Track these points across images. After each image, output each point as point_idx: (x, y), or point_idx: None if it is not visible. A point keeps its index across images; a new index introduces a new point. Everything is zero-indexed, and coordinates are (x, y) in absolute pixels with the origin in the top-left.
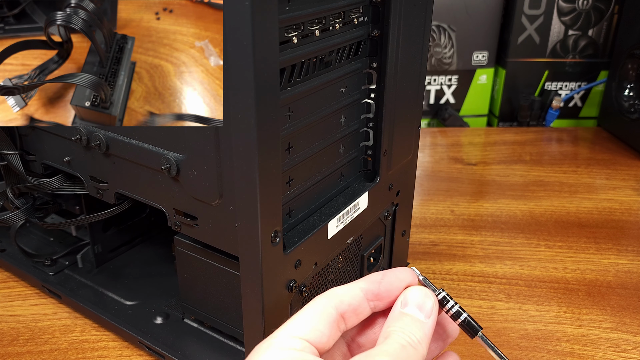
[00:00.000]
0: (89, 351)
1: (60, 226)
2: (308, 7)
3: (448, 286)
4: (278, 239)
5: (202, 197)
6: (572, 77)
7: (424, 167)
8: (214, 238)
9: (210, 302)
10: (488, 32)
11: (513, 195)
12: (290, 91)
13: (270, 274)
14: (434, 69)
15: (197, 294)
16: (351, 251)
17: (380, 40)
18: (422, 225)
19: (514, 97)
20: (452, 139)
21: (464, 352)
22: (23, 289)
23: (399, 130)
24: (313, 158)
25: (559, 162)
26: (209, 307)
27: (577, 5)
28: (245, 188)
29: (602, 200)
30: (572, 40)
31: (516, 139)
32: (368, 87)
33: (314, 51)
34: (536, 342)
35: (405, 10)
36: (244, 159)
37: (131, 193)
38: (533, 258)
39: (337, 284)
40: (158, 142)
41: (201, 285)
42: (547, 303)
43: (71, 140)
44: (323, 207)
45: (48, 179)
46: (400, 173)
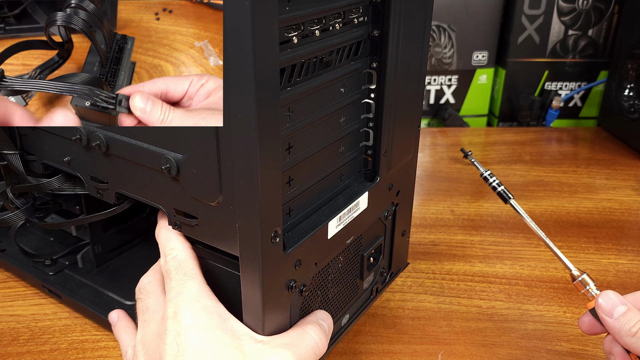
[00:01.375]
0: (89, 351)
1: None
2: (308, 7)
3: (448, 286)
4: (278, 239)
5: (202, 197)
6: (572, 77)
7: (424, 167)
8: (214, 238)
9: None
10: (488, 32)
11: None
12: (290, 91)
13: (270, 274)
14: (434, 69)
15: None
16: (351, 251)
17: (380, 40)
18: (422, 225)
19: (514, 97)
20: (452, 139)
21: (464, 352)
22: (23, 289)
23: (399, 130)
24: (313, 158)
25: (559, 162)
26: None
27: (577, 5)
28: (245, 188)
29: (602, 200)
30: (572, 40)
31: (516, 139)
32: (368, 87)
33: (314, 51)
34: (536, 342)
35: (405, 10)
36: (244, 159)
37: (131, 193)
38: (533, 258)
39: (337, 283)
40: (158, 142)
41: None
42: (547, 303)
43: (71, 140)
44: (323, 207)
45: (48, 179)
46: (400, 173)
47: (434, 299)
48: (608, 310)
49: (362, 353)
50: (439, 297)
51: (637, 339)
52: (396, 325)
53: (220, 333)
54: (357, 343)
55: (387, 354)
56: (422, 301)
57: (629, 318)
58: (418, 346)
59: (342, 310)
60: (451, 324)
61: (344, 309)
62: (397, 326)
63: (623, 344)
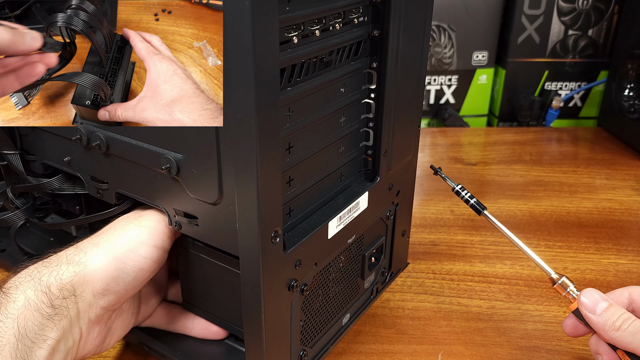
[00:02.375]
0: None
1: (60, 226)
2: (308, 7)
3: (448, 286)
4: (278, 239)
5: (202, 197)
6: (572, 77)
7: (424, 167)
8: (214, 238)
9: (212, 300)
10: (488, 32)
11: (513, 195)
12: (290, 91)
13: (270, 274)
14: (434, 68)
15: (198, 292)
16: (352, 250)
17: (380, 40)
18: (422, 225)
19: (514, 97)
20: (452, 139)
21: (464, 352)
22: None
23: (399, 130)
24: (313, 158)
25: (559, 162)
26: (210, 305)
27: (577, 5)
28: (245, 188)
29: (602, 200)
30: (572, 40)
31: (516, 139)
32: (368, 87)
33: (314, 51)
34: (536, 341)
35: (405, 10)
36: (244, 159)
37: (131, 193)
38: None
39: (338, 283)
40: (158, 142)
41: (202, 283)
42: (547, 303)
43: (71, 140)
44: (323, 207)
45: (48, 179)
46: (400, 173)
47: (434, 299)
48: (591, 307)
49: (362, 353)
50: (439, 297)
51: (621, 333)
52: (396, 325)
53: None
54: (357, 343)
55: (387, 354)
56: (422, 301)
57: (611, 313)
58: (418, 346)
59: (343, 309)
60: (451, 324)
61: (345, 308)
62: (397, 326)
63: (609, 339)
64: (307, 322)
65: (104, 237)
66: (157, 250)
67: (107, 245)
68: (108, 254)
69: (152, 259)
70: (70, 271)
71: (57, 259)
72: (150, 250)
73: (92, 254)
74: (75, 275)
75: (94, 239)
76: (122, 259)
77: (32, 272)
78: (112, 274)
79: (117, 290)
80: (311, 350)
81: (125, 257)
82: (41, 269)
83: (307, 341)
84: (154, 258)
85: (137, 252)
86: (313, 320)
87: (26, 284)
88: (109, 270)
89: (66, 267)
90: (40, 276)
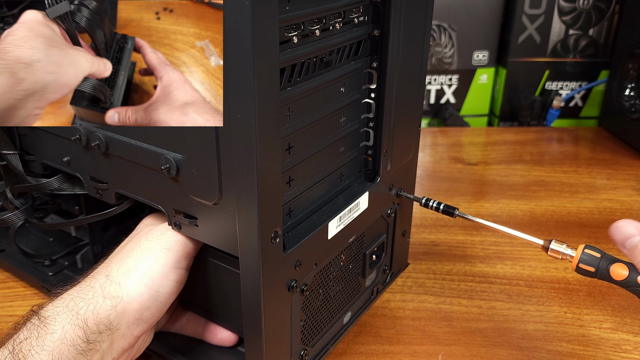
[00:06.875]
0: None
1: (59, 226)
2: (308, 7)
3: (448, 286)
4: (278, 239)
5: (202, 197)
6: (573, 76)
7: (425, 167)
8: (214, 238)
9: (212, 300)
10: (488, 31)
11: (514, 195)
12: (290, 91)
13: (269, 274)
14: (434, 68)
15: (199, 291)
16: (353, 249)
17: (380, 40)
18: (422, 225)
19: (514, 96)
20: (452, 138)
21: (464, 353)
22: (22, 289)
23: (399, 130)
24: (313, 158)
25: (560, 162)
26: (210, 304)
27: (578, 5)
28: (245, 188)
29: (602, 200)
30: (573, 39)
31: (517, 138)
32: (368, 87)
33: (314, 51)
34: (537, 342)
35: (405, 9)
36: (244, 159)
37: (131, 193)
38: (533, 258)
39: (339, 281)
40: (158, 142)
41: (203, 283)
42: (547, 303)
43: (71, 140)
44: (323, 207)
45: (48, 179)
46: (401, 173)
47: (435, 299)
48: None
49: (362, 353)
50: (440, 298)
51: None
52: (396, 326)
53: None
54: (357, 343)
55: (387, 354)
56: (423, 301)
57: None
58: (418, 347)
59: (344, 308)
60: (452, 325)
61: (346, 307)
62: (398, 326)
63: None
64: (307, 322)
65: (132, 263)
66: (184, 272)
67: (138, 274)
68: (140, 284)
69: (180, 282)
70: (108, 305)
71: (93, 292)
72: (179, 273)
73: (125, 285)
74: (111, 309)
75: (122, 265)
76: (154, 288)
77: (69, 303)
78: (145, 303)
79: (150, 317)
80: (312, 350)
81: (158, 285)
82: (78, 300)
83: (308, 340)
84: (181, 280)
85: (168, 278)
86: (314, 320)
87: (64, 315)
88: (142, 301)
89: (102, 300)
90: (78, 309)
